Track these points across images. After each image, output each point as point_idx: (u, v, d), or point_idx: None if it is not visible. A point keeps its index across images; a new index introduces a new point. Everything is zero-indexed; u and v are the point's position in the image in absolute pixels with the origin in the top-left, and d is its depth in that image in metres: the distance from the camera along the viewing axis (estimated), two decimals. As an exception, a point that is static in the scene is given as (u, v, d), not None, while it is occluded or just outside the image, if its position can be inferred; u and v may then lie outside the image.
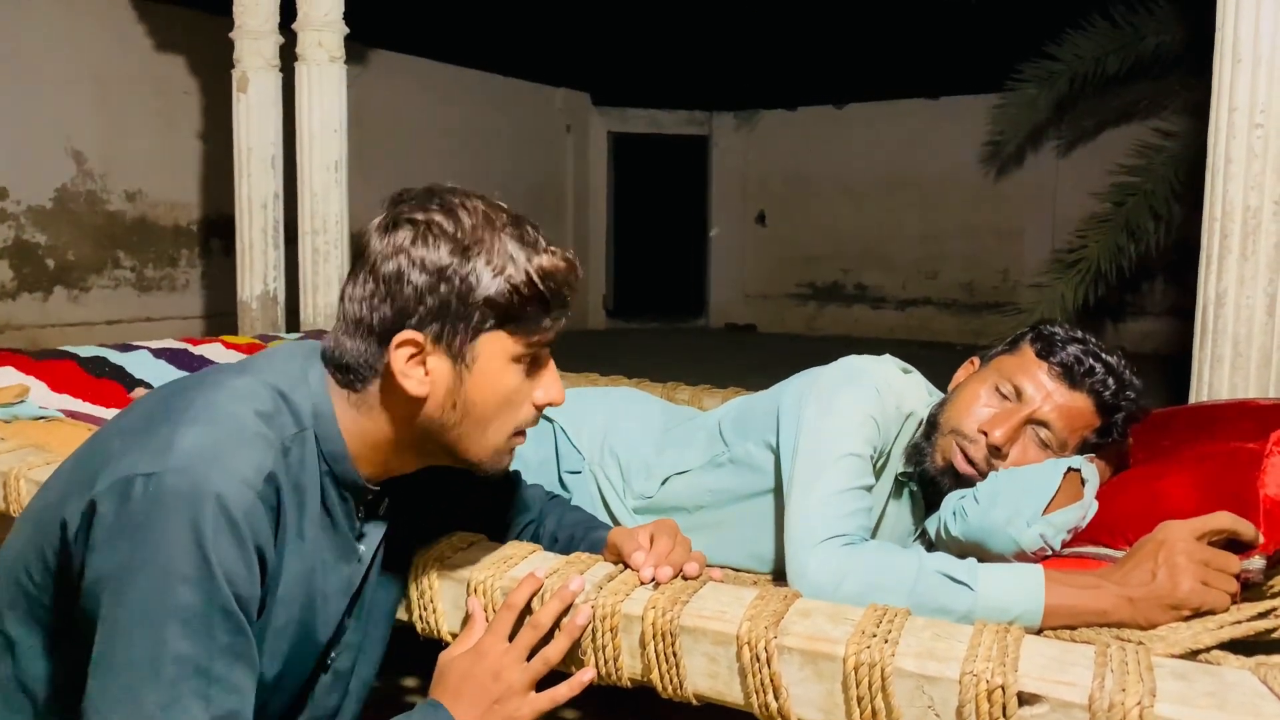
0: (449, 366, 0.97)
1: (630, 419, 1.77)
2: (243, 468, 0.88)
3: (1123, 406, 1.39)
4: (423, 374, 0.97)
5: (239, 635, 0.86)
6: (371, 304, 0.96)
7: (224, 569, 0.84)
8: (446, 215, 0.95)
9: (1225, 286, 2.35)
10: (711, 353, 7.70)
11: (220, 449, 0.87)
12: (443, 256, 0.93)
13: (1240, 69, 2.29)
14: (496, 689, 1.03)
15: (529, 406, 1.04)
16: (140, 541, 0.82)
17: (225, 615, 0.85)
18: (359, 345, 0.98)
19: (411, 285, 0.94)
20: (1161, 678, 0.87)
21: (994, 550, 1.28)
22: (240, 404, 0.93)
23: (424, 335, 0.95)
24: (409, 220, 0.95)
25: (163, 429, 0.88)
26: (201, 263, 6.44)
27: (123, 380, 2.28)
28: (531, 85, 8.70)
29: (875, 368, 1.45)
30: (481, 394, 0.99)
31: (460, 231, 0.95)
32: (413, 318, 0.95)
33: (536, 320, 0.98)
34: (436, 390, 0.98)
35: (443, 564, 1.20)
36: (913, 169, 8.51)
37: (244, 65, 4.07)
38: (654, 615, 1.04)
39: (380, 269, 0.95)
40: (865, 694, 0.93)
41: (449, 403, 0.98)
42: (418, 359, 0.96)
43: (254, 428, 0.92)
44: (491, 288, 0.94)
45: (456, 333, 0.96)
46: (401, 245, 0.94)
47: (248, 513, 0.86)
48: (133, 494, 0.84)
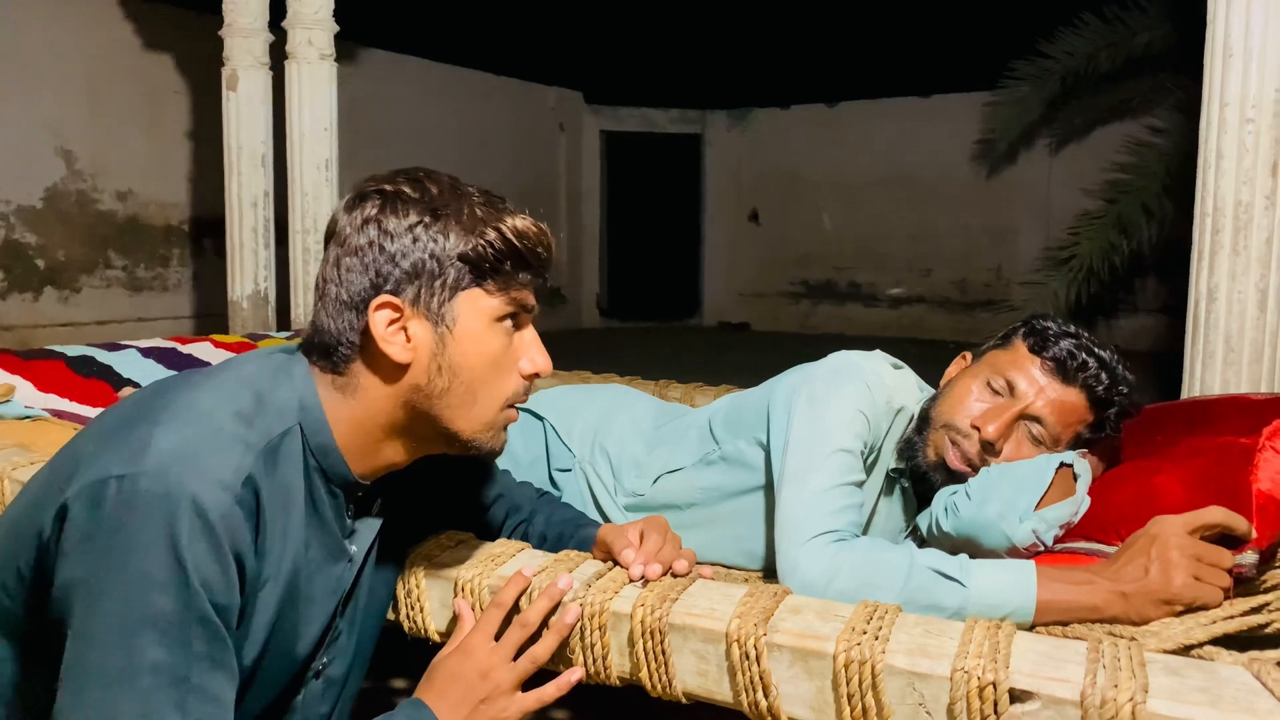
0: (430, 330, 0.96)
1: (621, 416, 1.76)
2: (220, 471, 0.86)
3: (1116, 402, 1.38)
4: (404, 339, 0.96)
5: (217, 643, 0.84)
6: (347, 279, 0.95)
7: (200, 576, 0.82)
8: (413, 184, 0.96)
9: (1217, 282, 2.35)
10: (705, 351, 7.69)
11: (197, 451, 0.85)
12: (412, 219, 0.94)
13: (1231, 63, 2.29)
14: (483, 688, 1.02)
15: (516, 376, 1.02)
16: (113, 547, 0.80)
17: (202, 623, 0.82)
18: (337, 322, 0.97)
19: (384, 251, 0.94)
20: (1154, 673, 0.86)
21: (986, 546, 1.27)
22: (219, 405, 0.91)
23: (401, 299, 0.95)
24: (376, 191, 0.96)
25: (138, 430, 0.86)
26: (193, 263, 6.42)
27: (110, 380, 2.26)
28: (524, 84, 8.69)
29: (865, 363, 1.44)
30: (466, 356, 0.97)
31: (427, 196, 0.95)
32: (388, 283, 0.94)
33: (513, 275, 0.98)
34: (420, 356, 0.96)
35: (430, 562, 1.19)
36: (905, 167, 8.52)
37: (234, 63, 4.05)
38: (643, 613, 1.03)
39: (352, 241, 0.95)
40: (855, 691, 0.93)
41: (434, 367, 0.97)
42: (398, 324, 0.95)
43: (232, 429, 0.89)
44: (464, 243, 0.95)
45: (434, 293, 0.95)
46: (370, 215, 0.95)
47: (225, 517, 0.84)
48: (105, 497, 0.81)
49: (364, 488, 1.04)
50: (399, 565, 1.19)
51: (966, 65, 7.56)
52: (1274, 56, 2.26)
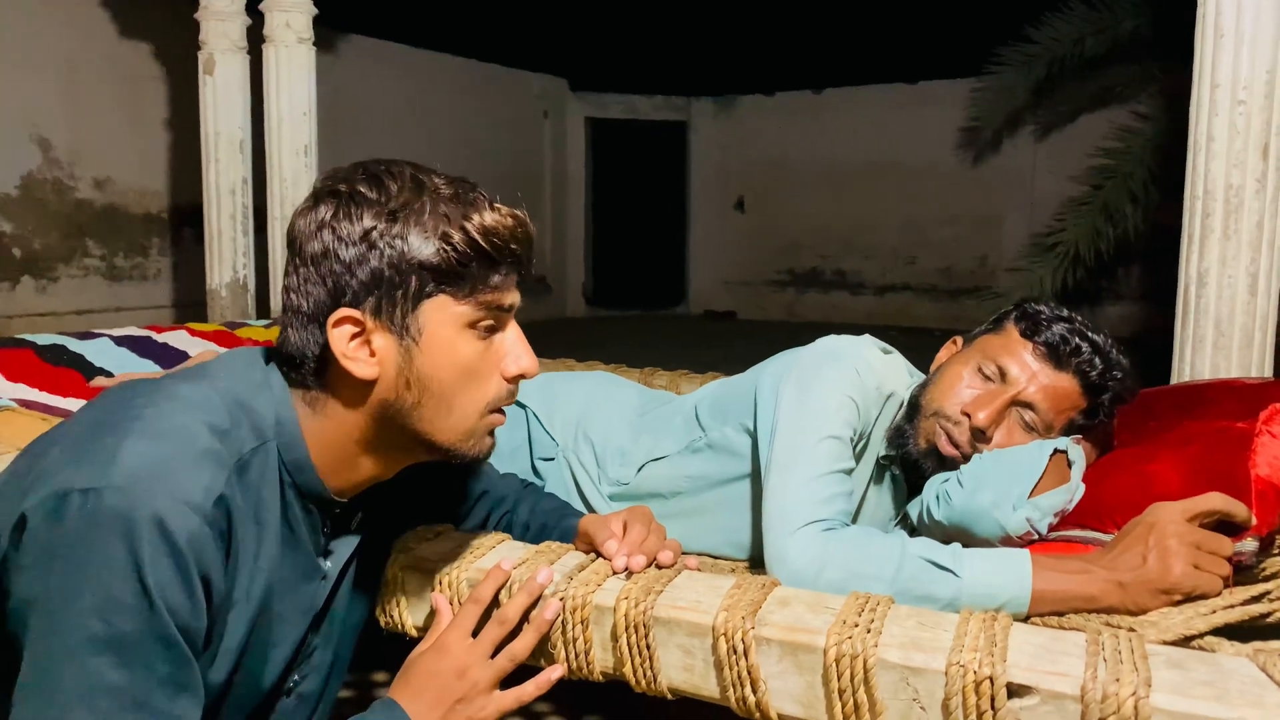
0: (394, 342, 0.90)
1: (605, 404, 1.72)
2: (189, 489, 0.81)
3: (1110, 387, 1.35)
4: (368, 354, 0.90)
5: (181, 666, 0.80)
6: (305, 289, 0.89)
7: (164, 599, 0.77)
8: (370, 183, 0.89)
9: (1207, 266, 2.32)
10: (691, 340, 7.66)
11: (166, 467, 0.80)
12: (368, 224, 0.87)
13: (1223, 44, 2.26)
14: (459, 687, 0.98)
15: (497, 380, 0.96)
16: (73, 564, 0.76)
17: (166, 645, 0.78)
18: (300, 335, 0.91)
19: (340, 260, 0.88)
20: (1156, 666, 0.83)
21: (979, 535, 1.24)
22: (193, 417, 0.86)
23: (361, 312, 0.89)
24: (330, 193, 0.90)
25: (106, 440, 0.81)
26: (173, 251, 6.33)
27: (81, 369, 2.20)
28: (508, 70, 8.61)
29: (854, 348, 1.41)
30: (435, 367, 0.92)
31: (385, 196, 0.89)
32: (346, 294, 0.88)
33: (481, 278, 0.91)
34: (386, 370, 0.91)
35: (407, 555, 1.15)
36: (891, 154, 8.49)
37: (210, 47, 3.97)
38: (626, 606, 1.00)
39: (306, 249, 0.89)
40: (847, 686, 0.89)
41: (402, 382, 0.91)
42: (360, 339, 0.90)
43: (206, 444, 0.84)
44: (425, 248, 0.88)
45: (395, 303, 0.89)
46: (324, 220, 0.88)
47: (191, 538, 0.79)
48: (67, 511, 0.77)
49: (341, 504, 0.99)
50: (380, 573, 1.15)
51: (953, 51, 7.53)
52: (1266, 38, 2.23)
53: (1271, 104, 2.25)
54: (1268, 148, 2.25)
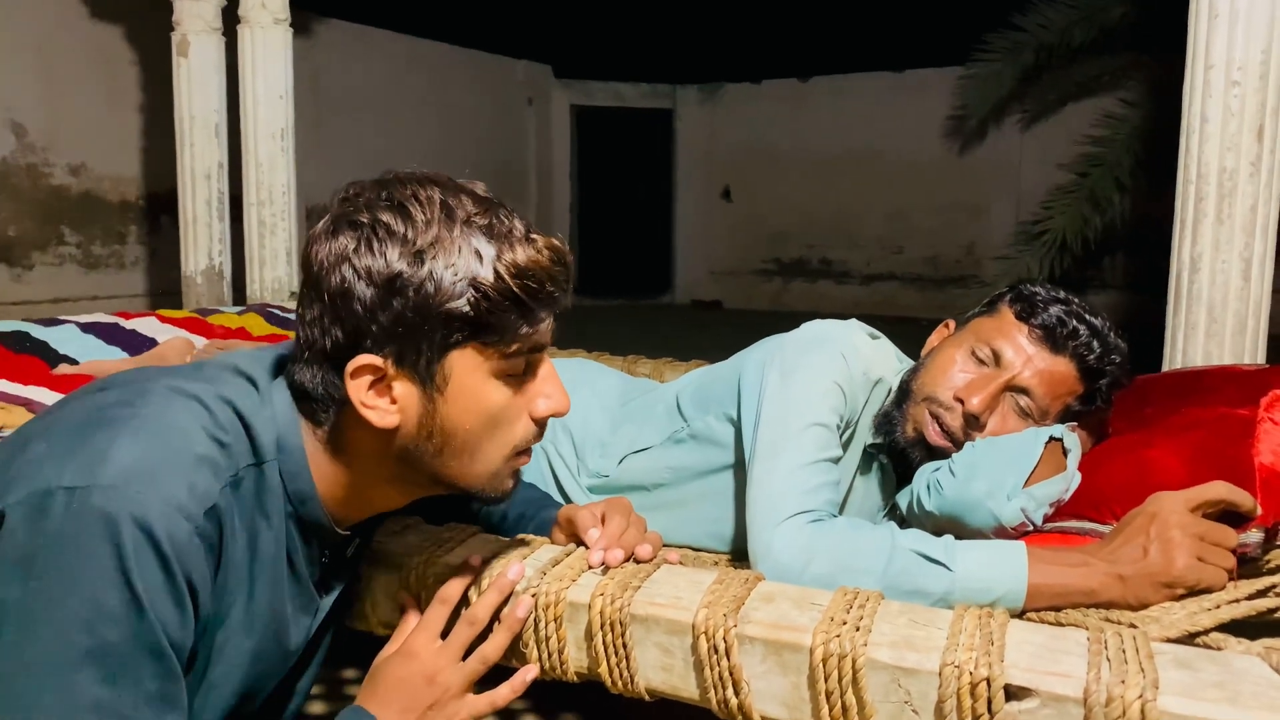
0: (417, 391, 0.83)
1: (585, 393, 1.66)
2: (182, 495, 0.75)
3: (1107, 372, 1.31)
4: (388, 403, 0.83)
5: (170, 681, 0.74)
6: (322, 325, 0.82)
7: (153, 606, 0.72)
8: (395, 213, 0.81)
9: (1200, 251, 2.28)
10: (678, 329, 7.61)
11: (161, 469, 0.74)
12: (393, 264, 0.79)
13: (1217, 24, 2.21)
14: (430, 693, 0.93)
15: (525, 421, 0.89)
16: (56, 568, 0.70)
17: (155, 657, 0.73)
18: (314, 373, 0.84)
19: (360, 301, 0.80)
20: (1163, 666, 0.78)
21: (972, 526, 1.20)
22: (192, 419, 0.79)
23: (383, 358, 0.81)
24: (351, 223, 0.81)
25: (97, 436, 0.75)
26: (150, 239, 6.24)
27: (45, 356, 2.13)
28: (492, 57, 8.51)
29: (841, 333, 1.36)
30: (461, 418, 0.85)
31: (412, 230, 0.80)
32: (367, 339, 0.81)
33: (514, 328, 0.83)
34: (407, 419, 0.84)
35: (374, 550, 1.09)
36: (877, 143, 8.45)
37: (184, 28, 3.87)
38: (602, 603, 0.95)
39: (325, 283, 0.81)
40: (835, 688, 0.84)
41: (423, 432, 0.85)
42: (381, 386, 0.83)
43: (203, 449, 0.78)
44: (454, 296, 0.80)
45: (420, 353, 0.81)
46: (344, 253, 0.80)
47: (181, 546, 0.74)
48: (51, 510, 0.71)
49: (343, 537, 0.93)
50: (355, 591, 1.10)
51: (940, 39, 7.49)
52: (1261, 17, 2.19)
53: (1266, 85, 2.21)
54: (1262, 129, 2.21)
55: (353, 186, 0.84)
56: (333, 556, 0.96)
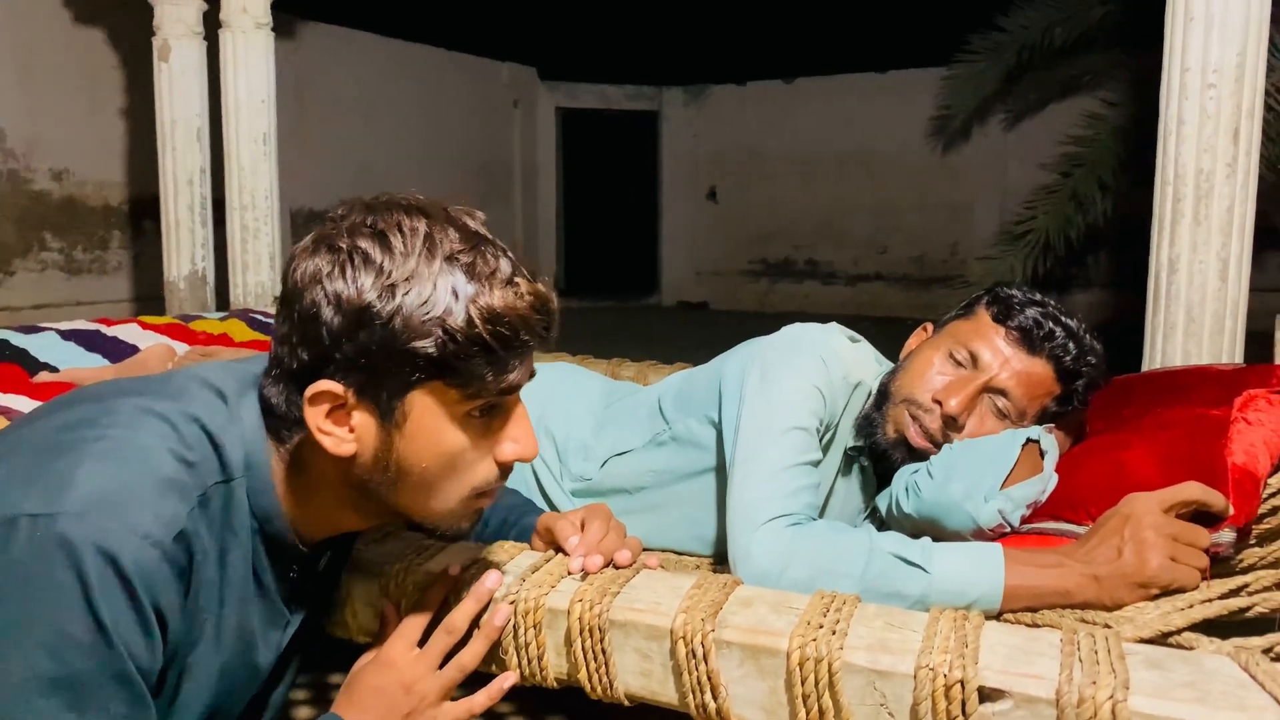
0: (376, 424, 0.82)
1: (567, 397, 1.67)
2: (148, 521, 0.74)
3: (1084, 373, 1.32)
4: (345, 431, 0.82)
5: (138, 707, 0.74)
6: (290, 344, 0.81)
7: (120, 635, 0.72)
8: (375, 241, 0.78)
9: (1178, 252, 2.30)
10: (664, 331, 7.61)
11: (126, 495, 0.74)
12: (364, 293, 0.77)
13: (1193, 27, 2.23)
14: (407, 702, 0.93)
15: (488, 464, 0.87)
16: (20, 596, 0.70)
17: (122, 684, 0.73)
18: (281, 392, 0.83)
19: (326, 327, 0.78)
20: (1135, 667, 0.79)
21: (950, 528, 1.20)
22: (158, 441, 0.78)
23: (344, 387, 0.80)
24: (331, 246, 0.79)
25: (61, 461, 0.74)
26: (134, 244, 6.20)
27: (25, 364, 2.12)
28: (477, 60, 8.49)
29: (820, 336, 1.36)
30: (418, 457, 0.83)
31: (389, 261, 0.78)
32: (330, 365, 0.79)
33: (480, 374, 0.80)
34: (364, 450, 0.83)
35: (355, 558, 1.09)
36: (862, 144, 8.47)
37: (165, 32, 3.86)
38: (581, 609, 0.95)
39: (297, 302, 0.79)
40: (811, 692, 0.85)
41: (379, 465, 0.83)
42: (340, 414, 0.81)
43: (170, 471, 0.77)
44: (420, 335, 0.77)
45: (382, 387, 0.80)
46: (318, 276, 0.78)
47: (147, 573, 0.73)
48: (14, 537, 0.70)
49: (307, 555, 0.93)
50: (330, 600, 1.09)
51: (924, 40, 7.52)
52: (1235, 20, 2.21)
53: (1242, 88, 2.22)
54: (1238, 131, 2.23)
55: (344, 206, 0.83)
56: (303, 571, 0.95)
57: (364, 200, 0.83)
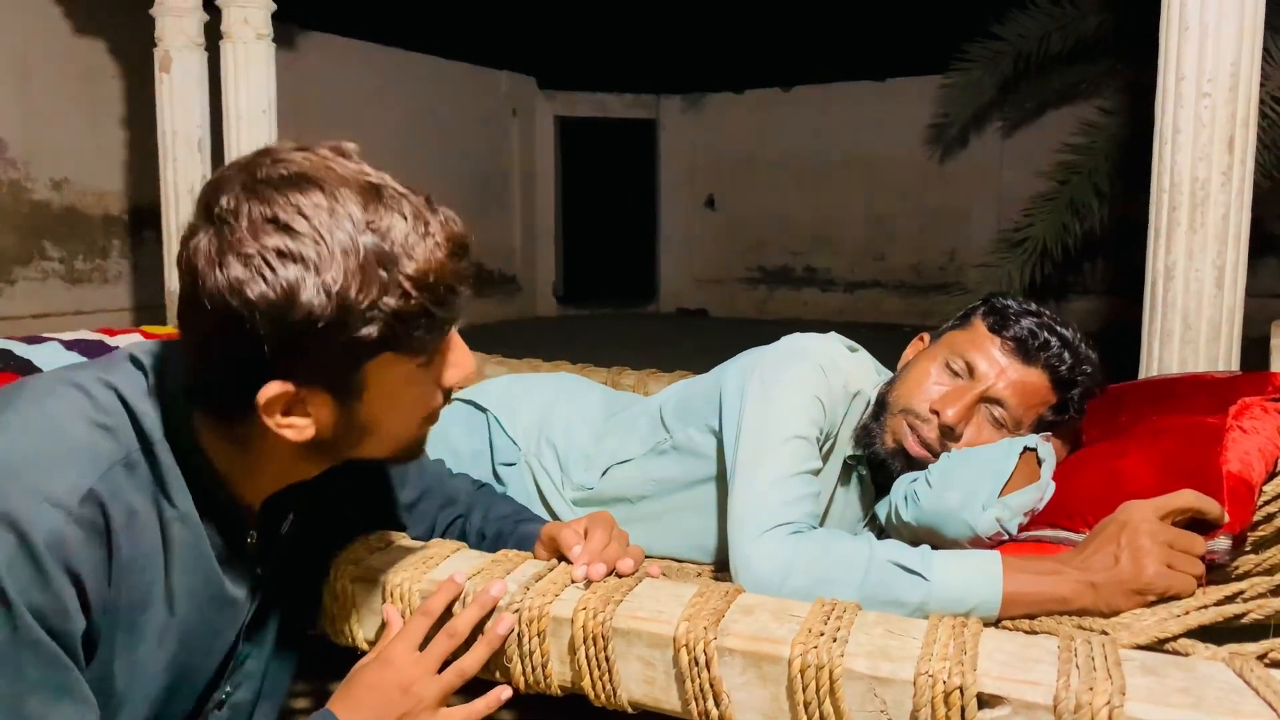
0: (331, 400, 0.83)
1: (568, 406, 1.68)
2: (53, 486, 0.75)
3: (1079, 382, 1.33)
4: (303, 420, 0.83)
5: (56, 670, 0.75)
6: (213, 354, 0.80)
7: (26, 602, 0.73)
8: (283, 235, 0.75)
9: (1174, 259, 2.32)
10: (663, 338, 7.63)
11: (30, 463, 0.75)
12: (294, 298, 0.75)
13: (1188, 37, 2.25)
14: (403, 703, 0.93)
15: (436, 394, 0.90)
16: None
17: (34, 648, 0.74)
18: (217, 385, 0.82)
19: (259, 336, 0.76)
20: (1131, 673, 0.80)
21: (948, 536, 1.22)
22: (70, 410, 0.80)
23: (292, 384, 0.80)
24: (238, 254, 0.75)
25: None
26: (134, 254, 6.22)
27: (28, 374, 2.13)
28: (476, 69, 8.52)
29: (819, 346, 1.38)
30: (377, 414, 0.86)
31: (303, 254, 0.75)
32: (275, 366, 0.78)
33: (424, 337, 0.82)
34: (324, 427, 0.84)
35: (357, 566, 1.10)
36: (860, 151, 8.50)
37: (166, 44, 3.88)
38: (584, 617, 0.96)
39: (219, 309, 0.76)
40: (813, 699, 0.86)
41: (340, 429, 0.85)
42: (296, 404, 0.82)
43: (80, 438, 0.79)
44: (363, 322, 0.77)
45: (332, 374, 0.81)
46: (237, 288, 0.75)
47: (52, 537, 0.74)
48: None
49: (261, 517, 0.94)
50: (321, 573, 1.10)
51: (920, 48, 7.55)
52: (1230, 30, 2.23)
53: (1236, 96, 2.24)
54: (1233, 140, 2.25)
55: (225, 190, 0.78)
56: (263, 536, 0.96)
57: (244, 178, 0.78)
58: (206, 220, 0.78)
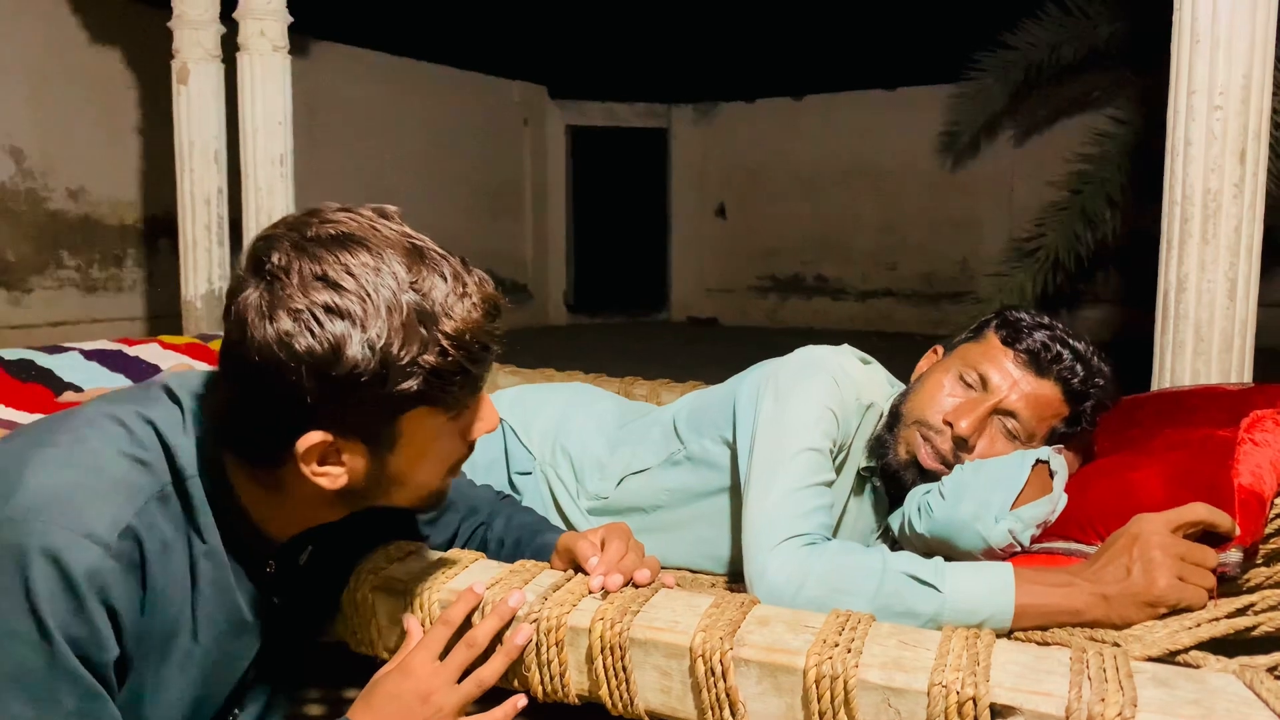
0: (365, 450, 0.86)
1: (583, 416, 1.70)
2: (91, 521, 0.77)
3: (1091, 394, 1.34)
4: (338, 469, 0.86)
5: (90, 699, 0.77)
6: (261, 393, 0.82)
7: (65, 633, 0.75)
8: (331, 291, 0.79)
9: (1186, 271, 2.32)
10: (673, 347, 7.64)
11: (68, 498, 0.77)
12: (340, 354, 0.78)
13: (1199, 50, 2.26)
14: (424, 712, 0.95)
15: (461, 446, 0.94)
16: None
17: (71, 678, 0.76)
18: (256, 431, 0.85)
19: (303, 389, 0.79)
20: (1142, 685, 0.81)
21: (961, 547, 1.23)
22: (109, 445, 0.82)
23: (331, 434, 0.83)
24: (287, 310, 0.78)
25: (11, 468, 0.79)
26: (148, 263, 6.27)
27: (50, 384, 2.16)
28: (488, 78, 8.57)
29: (833, 358, 1.39)
30: (408, 467, 0.90)
31: (350, 310, 0.78)
32: (315, 417, 0.82)
33: (458, 393, 0.86)
34: (355, 475, 0.88)
35: (378, 575, 1.12)
36: (871, 160, 8.51)
37: (184, 56, 3.92)
38: (602, 627, 0.97)
39: (266, 360, 0.79)
40: (828, 708, 0.87)
41: (371, 479, 0.89)
42: (331, 453, 0.85)
43: (118, 473, 0.81)
44: (403, 377, 0.81)
45: (372, 424, 0.84)
46: (286, 341, 0.78)
47: (91, 572, 0.76)
48: None
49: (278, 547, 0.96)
50: (334, 589, 1.12)
51: (931, 57, 7.56)
52: (1241, 42, 2.24)
53: (1248, 109, 2.25)
54: (1245, 152, 2.26)
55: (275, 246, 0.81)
56: (280, 566, 0.98)
57: (294, 237, 0.81)
58: (256, 275, 0.81)
